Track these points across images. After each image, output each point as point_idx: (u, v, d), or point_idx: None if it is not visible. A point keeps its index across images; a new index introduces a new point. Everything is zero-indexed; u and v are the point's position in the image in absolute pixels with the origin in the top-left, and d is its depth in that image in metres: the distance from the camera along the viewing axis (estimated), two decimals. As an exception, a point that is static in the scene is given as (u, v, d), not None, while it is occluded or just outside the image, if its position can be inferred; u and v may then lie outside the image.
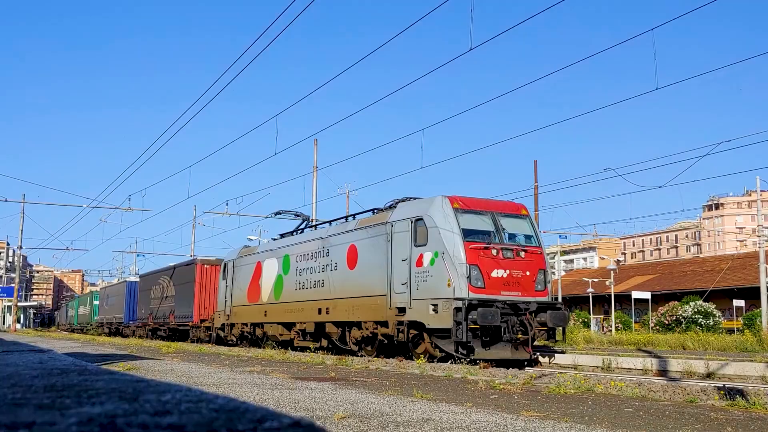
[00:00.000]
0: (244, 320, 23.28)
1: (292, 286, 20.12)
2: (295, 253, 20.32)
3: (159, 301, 35.47)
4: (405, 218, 15.47)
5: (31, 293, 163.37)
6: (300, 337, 19.82)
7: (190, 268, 30.82)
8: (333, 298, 17.80)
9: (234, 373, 9.52)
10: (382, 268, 15.83)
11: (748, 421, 5.49)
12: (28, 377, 4.39)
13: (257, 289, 22.39)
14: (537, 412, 5.60)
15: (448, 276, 14.02)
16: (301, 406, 5.40)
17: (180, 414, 2.16)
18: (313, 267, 19.05)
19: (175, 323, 32.15)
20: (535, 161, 32.91)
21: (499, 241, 14.74)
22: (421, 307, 14.48)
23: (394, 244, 15.61)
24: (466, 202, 14.99)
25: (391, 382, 8.52)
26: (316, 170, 31.89)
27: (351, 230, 17.63)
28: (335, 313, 17.66)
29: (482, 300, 13.77)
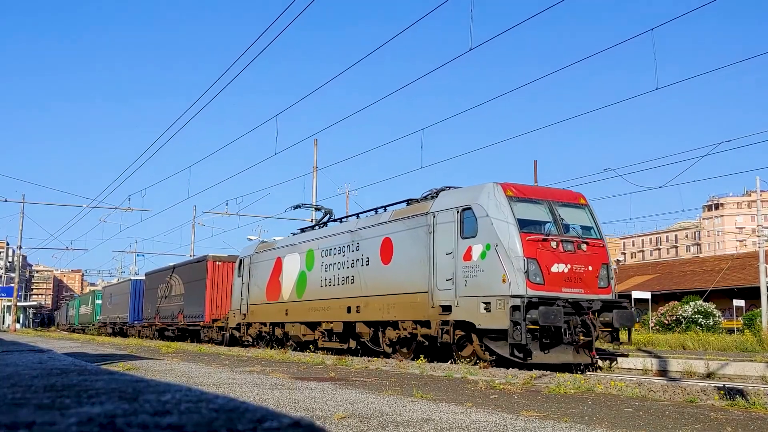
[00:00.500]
0: (262, 320, 22.03)
1: (316, 283, 18.84)
2: (320, 247, 18.97)
3: (167, 300, 34.04)
4: (450, 208, 14.19)
5: (31, 293, 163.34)
6: (325, 338, 18.62)
7: (201, 266, 29.42)
8: (364, 295, 16.54)
9: (234, 373, 9.52)
10: (423, 262, 14.62)
11: (748, 421, 5.48)
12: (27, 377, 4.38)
13: (277, 287, 21.10)
14: (537, 412, 5.60)
15: (502, 271, 12.80)
16: (300, 406, 5.40)
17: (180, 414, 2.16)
18: (341, 262, 17.75)
19: (185, 323, 30.78)
20: (535, 161, 32.86)
21: (558, 233, 13.43)
22: (471, 306, 13.23)
23: (436, 237, 14.35)
24: (520, 189, 13.79)
25: (391, 382, 8.52)
26: (316, 170, 31.89)
27: (385, 222, 16.30)
28: (367, 311, 16.39)
29: (542, 298, 12.50)
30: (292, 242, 21.06)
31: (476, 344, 13.37)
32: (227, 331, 25.41)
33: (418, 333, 14.67)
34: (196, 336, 30.01)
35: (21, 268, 65.58)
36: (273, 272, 21.54)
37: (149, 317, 37.12)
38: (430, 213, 14.76)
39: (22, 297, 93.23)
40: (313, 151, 31.99)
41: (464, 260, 13.58)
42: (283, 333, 20.60)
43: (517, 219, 13.15)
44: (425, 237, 14.72)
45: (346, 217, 20.07)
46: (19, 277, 58.32)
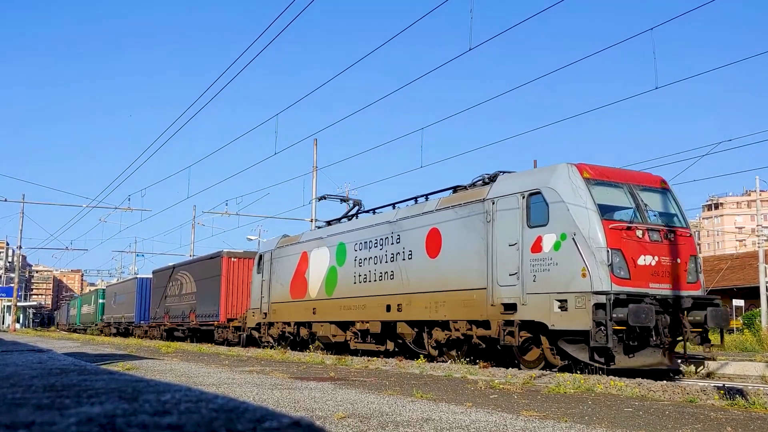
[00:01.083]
0: (285, 319, 20.51)
1: (349, 279, 17.31)
2: (352, 240, 17.41)
3: (177, 298, 32.41)
4: (513, 193, 12.63)
5: (31, 293, 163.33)
6: (358, 339, 17.16)
7: (214, 262, 27.88)
8: (406, 292, 15.07)
9: (233, 372, 9.51)
10: (479, 255, 13.12)
11: (748, 420, 5.48)
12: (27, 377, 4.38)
13: (303, 284, 19.57)
14: (537, 412, 5.60)
15: (581, 263, 11.29)
16: (300, 405, 5.40)
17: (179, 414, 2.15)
18: (378, 256, 16.22)
19: (197, 323, 29.12)
20: (534, 161, 32.78)
21: (642, 221, 11.88)
22: (541, 303, 11.77)
23: (496, 226, 12.84)
24: (597, 170, 12.25)
25: (390, 382, 8.52)
26: (316, 170, 31.88)
27: (431, 212, 14.76)
28: (410, 310, 14.92)
29: (630, 294, 11.05)
30: (319, 235, 19.43)
31: (546, 347, 11.95)
32: (245, 331, 24.06)
33: (473, 334, 13.19)
34: (209, 336, 28.63)
35: (21, 268, 65.58)
36: (298, 268, 20.04)
37: (157, 317, 35.62)
38: (488, 200, 13.17)
39: (22, 297, 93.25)
40: (313, 150, 32.00)
41: (532, 252, 12.10)
42: (310, 333, 19.23)
43: (597, 204, 11.62)
44: (481, 226, 13.21)
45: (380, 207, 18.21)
46: (18, 277, 58.30)
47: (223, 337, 26.47)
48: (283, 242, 21.61)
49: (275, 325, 21.14)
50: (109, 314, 48.69)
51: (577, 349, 11.51)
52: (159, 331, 34.94)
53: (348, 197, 21.91)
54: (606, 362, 11.17)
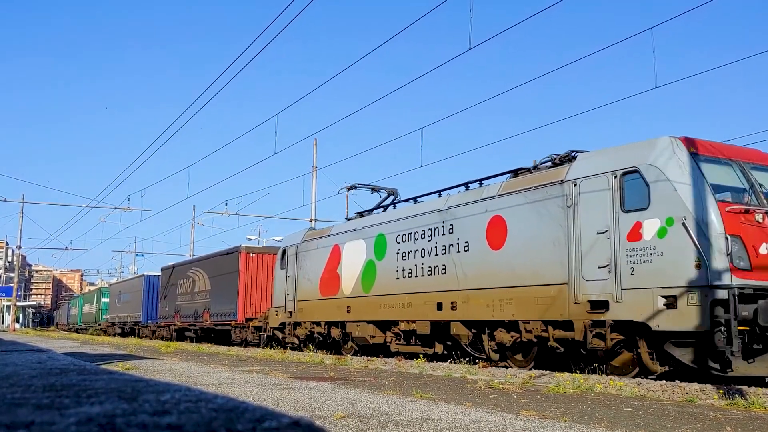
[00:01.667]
0: (314, 318, 18.97)
1: (390, 274, 15.74)
2: (394, 231, 15.88)
3: (189, 296, 30.77)
4: (602, 173, 11.08)
5: (30, 293, 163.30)
6: (400, 340, 15.69)
7: (232, 258, 26.22)
8: (463, 288, 13.49)
9: (233, 372, 9.51)
10: (557, 245, 11.57)
11: (747, 420, 5.49)
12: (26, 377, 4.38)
13: (335, 280, 17.99)
14: (536, 412, 5.60)
15: (695, 252, 9.71)
16: (300, 405, 5.40)
17: (179, 414, 2.15)
18: (426, 249, 14.68)
19: (212, 322, 27.40)
20: (534, 161, 32.84)
21: (758, 203, 10.33)
22: (641, 300, 10.19)
23: (580, 211, 11.27)
24: (704, 145, 10.69)
25: (390, 382, 8.52)
26: (316, 170, 31.88)
27: (492, 197, 13.16)
28: (467, 308, 13.35)
29: (757, 288, 9.54)
30: (353, 227, 17.78)
31: (644, 351, 10.43)
32: (267, 331, 22.44)
33: (549, 336, 11.53)
34: (224, 337, 27.17)
35: (20, 268, 65.59)
36: (329, 263, 18.43)
37: (167, 316, 33.85)
38: (568, 181, 11.60)
39: (22, 297, 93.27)
40: (313, 150, 32.00)
41: (629, 240, 10.54)
42: (342, 334, 17.68)
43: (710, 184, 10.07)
44: (559, 212, 11.67)
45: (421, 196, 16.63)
46: (18, 277, 58.30)
47: (241, 337, 24.94)
48: (309, 235, 20.04)
49: (302, 325, 19.62)
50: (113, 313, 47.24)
51: (686, 353, 9.96)
52: (168, 331, 33.38)
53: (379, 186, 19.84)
54: (722, 368, 9.59)
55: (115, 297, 47.21)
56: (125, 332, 42.48)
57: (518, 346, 12.53)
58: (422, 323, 14.62)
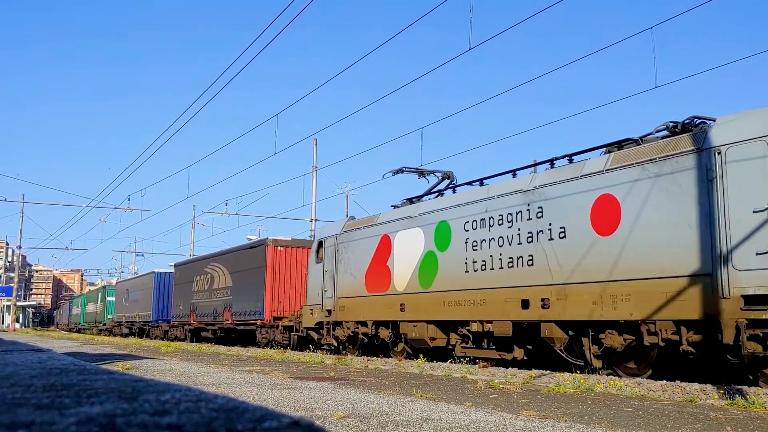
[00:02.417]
0: (359, 317, 16.94)
1: (456, 267, 13.75)
2: (461, 218, 13.86)
3: (207, 294, 28.66)
4: (759, 137, 9.15)
5: (30, 293, 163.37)
6: (467, 343, 13.77)
7: (257, 252, 24.17)
8: (558, 283, 11.50)
9: (233, 372, 9.51)
10: (692, 227, 9.67)
11: (748, 420, 5.49)
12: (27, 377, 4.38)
13: (384, 274, 16.05)
14: (536, 412, 5.60)
15: None
16: (300, 405, 5.40)
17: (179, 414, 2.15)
18: (506, 236, 12.66)
19: (233, 321, 25.41)
20: (534, 160, 32.84)
21: None
22: None
23: (729, 185, 9.33)
24: None
25: (390, 382, 8.52)
26: (316, 170, 31.89)
27: (598, 172, 11.15)
28: (563, 306, 11.36)
29: None
30: (406, 214, 15.75)
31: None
32: (300, 331, 20.50)
33: (681, 339, 9.71)
34: (248, 338, 25.22)
35: (20, 268, 65.61)
36: (377, 255, 16.49)
37: (181, 315, 31.68)
38: (709, 149, 9.71)
39: (22, 297, 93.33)
40: (313, 150, 32.00)
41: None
42: (393, 335, 15.80)
43: None
44: (697, 187, 9.82)
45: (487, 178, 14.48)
46: (18, 277, 58.32)
47: (267, 338, 22.89)
48: (351, 225, 18.02)
49: (344, 325, 17.53)
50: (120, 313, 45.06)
51: None
52: (183, 331, 31.26)
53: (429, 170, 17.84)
54: None
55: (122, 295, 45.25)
56: (133, 332, 40.95)
57: (631, 352, 10.72)
58: (501, 324, 12.50)
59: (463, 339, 13.86)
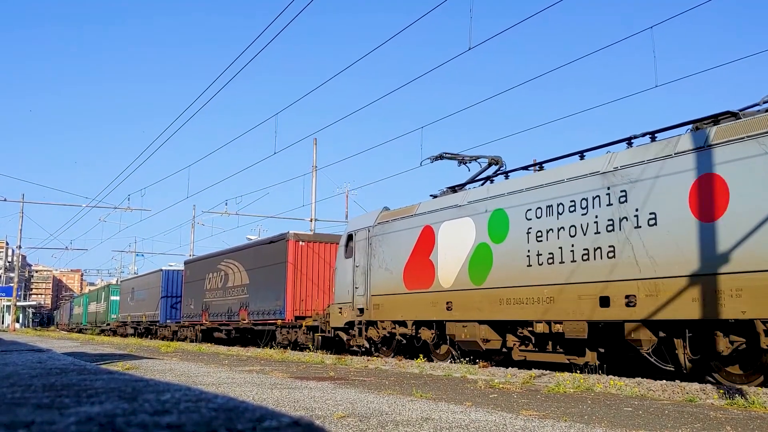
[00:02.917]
0: (396, 316, 15.50)
1: (516, 261, 12.35)
2: (522, 205, 12.43)
3: (220, 292, 27.28)
4: None
5: (30, 293, 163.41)
6: (528, 345, 12.44)
7: (277, 247, 22.68)
8: (648, 277, 10.10)
9: (233, 372, 9.52)
10: None
11: (748, 420, 5.49)
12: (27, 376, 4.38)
13: (427, 269, 14.64)
14: (536, 411, 5.60)
15: None
16: (300, 405, 5.40)
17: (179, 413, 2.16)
18: (579, 225, 11.22)
19: (250, 321, 23.98)
20: (534, 160, 32.85)
21: None
22: None
23: None
24: None
25: (390, 382, 8.53)
26: (316, 170, 31.89)
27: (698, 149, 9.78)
28: (653, 304, 10.02)
29: None
30: (453, 203, 14.32)
31: None
32: (326, 332, 18.97)
33: None
34: (268, 338, 23.54)
35: (20, 268, 65.62)
36: (417, 248, 15.09)
37: (192, 315, 30.22)
38: None
39: (22, 297, 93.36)
40: (313, 150, 32.01)
41: None
42: (436, 336, 14.48)
43: None
44: None
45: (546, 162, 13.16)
46: (18, 277, 58.33)
47: (288, 338, 21.45)
48: (386, 216, 16.58)
49: (380, 325, 16.13)
50: (124, 312, 43.32)
51: None
52: (193, 331, 29.88)
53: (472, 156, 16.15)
54: None
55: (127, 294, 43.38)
56: (139, 333, 39.49)
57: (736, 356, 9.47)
58: (574, 324, 11.09)
59: (523, 341, 12.51)
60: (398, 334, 15.47)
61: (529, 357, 12.33)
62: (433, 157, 16.50)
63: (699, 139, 9.90)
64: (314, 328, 19.97)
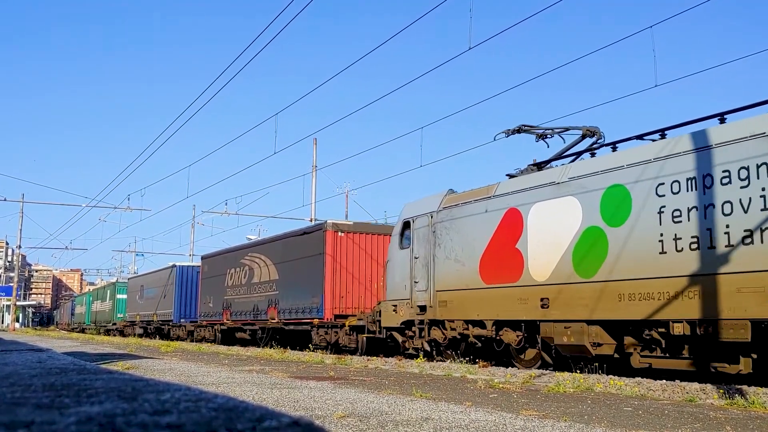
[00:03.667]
0: (469, 315, 13.28)
1: (644, 246, 10.22)
2: (649, 179, 10.34)
3: (245, 289, 25.09)
4: None
5: (30, 292, 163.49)
6: (656, 351, 10.24)
7: (313, 238, 20.46)
8: None
9: (233, 372, 9.51)
10: None
11: (747, 420, 5.49)
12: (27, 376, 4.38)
13: (513, 259, 12.39)
14: (536, 411, 5.60)
15: None
16: (300, 405, 5.40)
17: (179, 413, 2.16)
18: (739, 200, 9.10)
19: (281, 320, 21.72)
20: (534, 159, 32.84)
21: None
22: None
23: None
24: None
25: (390, 382, 8.53)
26: (316, 170, 31.90)
27: None
28: None
29: None
30: (549, 179, 12.14)
31: None
32: (375, 332, 16.75)
33: None
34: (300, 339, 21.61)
35: (20, 268, 65.62)
36: (498, 235, 12.89)
37: (211, 313, 28.09)
38: None
39: (22, 296, 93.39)
40: (313, 150, 32.01)
41: None
42: (523, 338, 12.24)
43: None
44: None
45: (669, 129, 10.96)
46: (18, 277, 58.34)
47: (327, 339, 19.32)
48: (455, 200, 14.31)
49: (446, 325, 13.93)
50: (133, 311, 40.65)
51: None
52: (212, 331, 27.77)
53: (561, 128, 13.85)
54: None
55: (135, 292, 40.77)
56: (149, 333, 37.16)
57: None
58: (733, 325, 9.01)
59: (646, 345, 10.42)
60: (472, 336, 13.19)
61: (655, 364, 10.27)
62: (510, 130, 14.28)
63: None
64: (359, 329, 17.85)
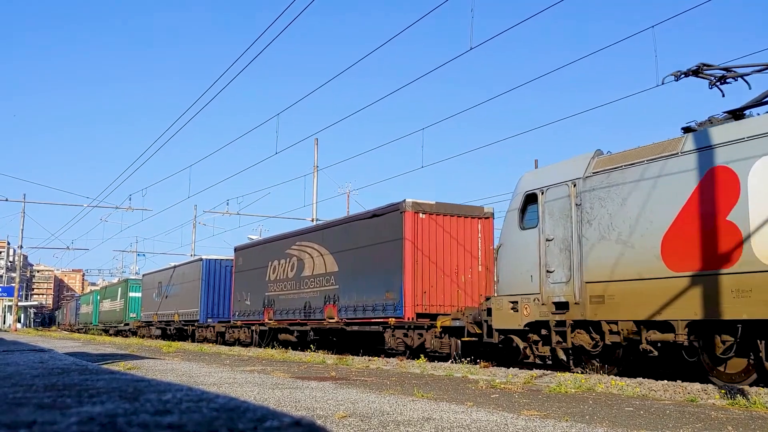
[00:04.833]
0: (643, 314, 9.95)
1: None
2: None
3: (292, 284, 21.63)
4: None
5: (32, 293, 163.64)
6: None
7: (387, 221, 17.07)
8: None
9: (235, 372, 9.52)
10: None
11: (749, 420, 5.48)
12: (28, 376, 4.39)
13: (722, 237, 9.17)
14: (538, 411, 5.60)
15: None
16: (301, 405, 5.40)
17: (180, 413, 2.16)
18: None
19: (341, 320, 18.56)
20: (535, 160, 32.72)
21: None
22: None
23: None
24: None
25: (391, 382, 8.53)
26: (317, 170, 31.90)
27: None
28: None
29: None
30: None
31: None
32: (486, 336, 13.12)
33: None
34: (365, 341, 18.81)
35: (22, 268, 65.72)
36: (691, 205, 9.59)
37: (248, 312, 24.70)
38: None
39: (23, 297, 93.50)
40: (314, 150, 32.00)
41: None
42: (734, 345, 9.05)
43: None
44: None
45: None
46: (20, 277, 58.42)
47: (406, 342, 16.09)
48: (612, 161, 11.20)
49: (602, 327, 10.66)
50: (149, 311, 36.93)
51: None
52: (249, 332, 24.49)
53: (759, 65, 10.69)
54: None
55: (152, 290, 37.03)
56: (169, 335, 33.14)
57: None
58: None
59: None
60: (645, 341, 10.00)
61: None
62: (683, 72, 11.09)
63: None
64: (457, 330, 14.80)
